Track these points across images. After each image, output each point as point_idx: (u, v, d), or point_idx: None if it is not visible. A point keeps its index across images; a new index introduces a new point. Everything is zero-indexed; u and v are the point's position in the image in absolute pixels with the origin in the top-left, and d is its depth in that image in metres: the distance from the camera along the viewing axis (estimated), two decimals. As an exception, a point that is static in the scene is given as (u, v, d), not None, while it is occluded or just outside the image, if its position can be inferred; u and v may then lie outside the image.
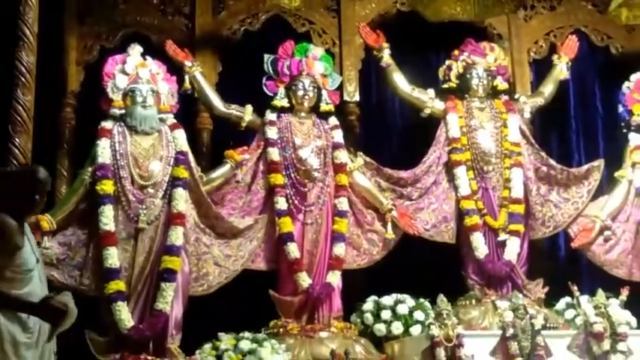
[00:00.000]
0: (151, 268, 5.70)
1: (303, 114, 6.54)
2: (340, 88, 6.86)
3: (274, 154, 6.35)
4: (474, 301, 6.43)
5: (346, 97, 6.99)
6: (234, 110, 6.51)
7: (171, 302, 5.63)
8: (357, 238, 6.47)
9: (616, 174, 7.02)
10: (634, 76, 7.20)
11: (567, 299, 6.45)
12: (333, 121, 6.60)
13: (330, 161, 6.47)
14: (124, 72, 6.05)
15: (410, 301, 6.22)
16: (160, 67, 6.22)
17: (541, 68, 7.47)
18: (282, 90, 6.51)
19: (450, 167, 6.72)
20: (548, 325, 6.00)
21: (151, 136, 5.97)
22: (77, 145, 6.45)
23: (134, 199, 5.79)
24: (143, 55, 6.18)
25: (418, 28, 7.13)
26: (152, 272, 5.69)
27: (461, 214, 6.63)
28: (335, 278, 6.22)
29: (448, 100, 6.87)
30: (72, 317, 3.63)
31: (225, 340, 5.57)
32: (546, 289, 6.51)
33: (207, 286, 5.97)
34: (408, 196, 6.67)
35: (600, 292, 5.79)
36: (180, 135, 6.06)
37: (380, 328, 6.13)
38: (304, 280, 6.10)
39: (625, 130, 7.13)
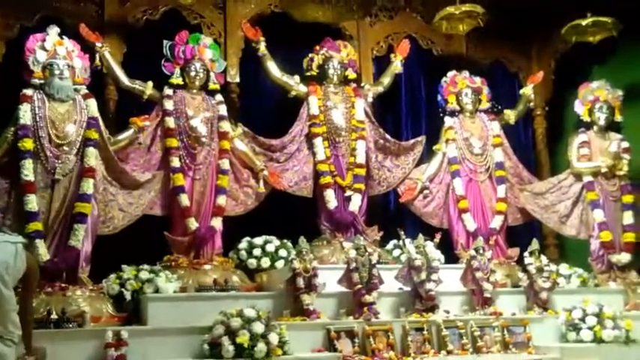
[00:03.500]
0: (65, 212, 5.54)
1: (194, 91, 6.45)
2: (225, 71, 6.78)
3: (170, 122, 6.25)
4: (325, 242, 6.60)
5: (229, 79, 6.93)
6: (137, 85, 6.35)
7: (82, 240, 5.50)
8: (235, 192, 6.46)
9: (434, 147, 7.34)
10: (450, 74, 7.49)
11: (395, 241, 6.80)
12: (219, 97, 6.53)
13: (215, 130, 6.41)
14: (43, 48, 5.77)
15: (276, 242, 6.31)
16: (75, 46, 5.95)
17: (381, 63, 7.61)
18: (177, 70, 6.40)
19: (309, 138, 6.81)
20: (381, 260, 6.19)
21: (67, 103, 5.74)
22: (0, 109, 6.09)
23: (51, 154, 5.58)
24: (60, 34, 5.91)
25: (288, 26, 7.11)
26: (66, 215, 5.53)
27: (317, 175, 6.75)
28: (217, 223, 6.22)
29: (310, 85, 6.93)
30: None
31: (128, 271, 5.54)
32: (380, 233, 6.80)
33: (112, 227, 5.86)
34: (276, 159, 6.72)
35: (420, 236, 6.13)
36: (92, 103, 5.85)
37: (252, 262, 6.20)
38: (192, 223, 6.08)
39: (442, 115, 7.43)
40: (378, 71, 7.58)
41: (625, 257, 6.98)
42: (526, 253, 6.44)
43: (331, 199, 6.67)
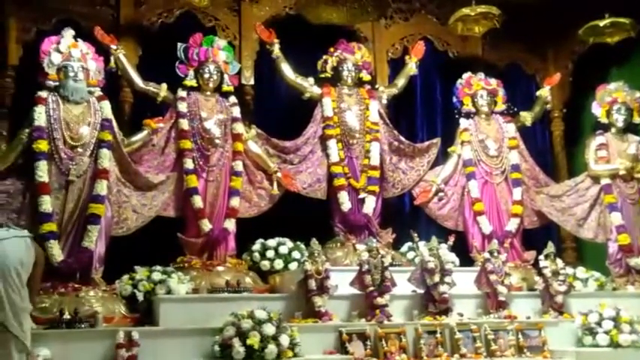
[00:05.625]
0: (79, 213, 5.56)
1: (208, 93, 6.46)
2: (239, 73, 6.78)
3: (184, 124, 6.27)
4: (338, 244, 6.57)
5: (243, 81, 6.94)
6: (151, 87, 6.38)
7: (95, 241, 5.52)
8: (249, 193, 6.47)
9: (449, 149, 7.29)
10: (465, 75, 7.45)
11: (409, 244, 6.74)
12: (233, 99, 6.54)
13: (229, 131, 6.42)
14: (58, 51, 5.82)
15: (289, 244, 6.32)
16: (90, 48, 6.00)
17: (396, 65, 7.58)
18: (191, 72, 6.43)
19: (323, 139, 6.79)
20: (394, 263, 6.15)
21: (81, 105, 5.78)
22: (16, 110, 6.15)
23: (65, 156, 5.61)
24: (75, 37, 5.96)
25: (302, 28, 7.10)
26: (80, 217, 5.56)
27: (331, 177, 6.72)
28: (231, 224, 6.22)
29: (324, 87, 6.92)
30: None
31: (140, 272, 5.54)
32: (394, 235, 6.76)
33: (126, 228, 5.88)
34: (290, 161, 6.72)
35: (434, 239, 6.07)
36: (106, 105, 5.88)
37: (265, 264, 6.22)
38: (206, 225, 6.09)
39: (457, 116, 7.37)
40: (393, 73, 7.56)
41: (644, 261, 6.85)
42: (541, 256, 6.34)
43: (345, 201, 6.64)
